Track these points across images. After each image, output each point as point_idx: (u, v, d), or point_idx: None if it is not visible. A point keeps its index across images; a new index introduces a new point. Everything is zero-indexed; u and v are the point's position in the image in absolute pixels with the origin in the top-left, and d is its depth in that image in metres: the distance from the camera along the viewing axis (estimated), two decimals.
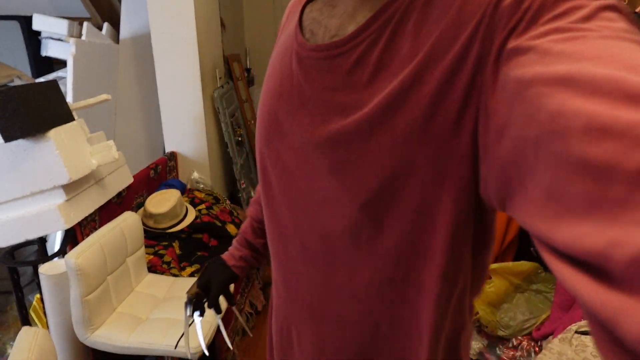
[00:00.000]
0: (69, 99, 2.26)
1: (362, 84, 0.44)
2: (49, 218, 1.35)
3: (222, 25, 2.76)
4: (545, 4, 0.33)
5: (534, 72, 0.30)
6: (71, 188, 1.39)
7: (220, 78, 2.57)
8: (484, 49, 0.36)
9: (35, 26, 2.62)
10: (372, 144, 0.43)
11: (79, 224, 1.54)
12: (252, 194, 2.74)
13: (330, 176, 0.47)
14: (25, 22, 3.08)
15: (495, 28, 0.36)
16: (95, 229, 1.58)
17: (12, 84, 2.20)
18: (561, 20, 0.32)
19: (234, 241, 0.83)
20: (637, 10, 1.62)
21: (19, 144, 1.29)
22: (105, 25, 2.69)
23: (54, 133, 1.31)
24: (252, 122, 3.01)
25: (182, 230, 1.95)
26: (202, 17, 2.26)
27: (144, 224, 1.86)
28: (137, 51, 2.72)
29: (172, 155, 2.35)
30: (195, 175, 2.38)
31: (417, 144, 0.41)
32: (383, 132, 0.42)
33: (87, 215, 1.49)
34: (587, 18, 0.31)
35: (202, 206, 2.14)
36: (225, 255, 0.82)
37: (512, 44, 0.34)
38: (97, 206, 1.55)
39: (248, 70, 3.46)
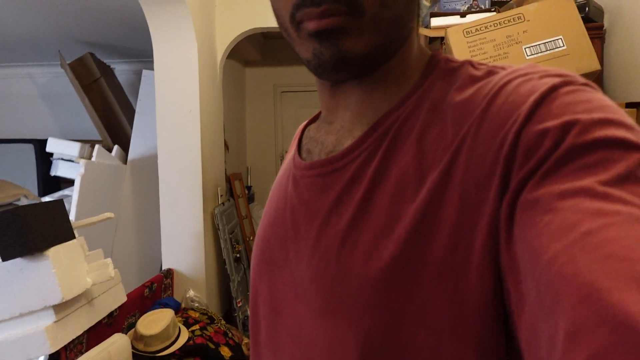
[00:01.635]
0: (72, 216, 2.29)
1: (355, 203, 0.38)
2: (34, 341, 1.28)
3: (226, 147, 2.92)
4: (574, 148, 0.27)
5: (550, 256, 0.24)
6: (62, 308, 1.35)
7: (221, 196, 2.64)
8: (504, 182, 0.30)
9: (49, 149, 2.76)
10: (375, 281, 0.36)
11: (65, 347, 1.46)
12: (248, 312, 2.63)
13: (324, 317, 0.38)
14: (39, 144, 3.27)
15: (514, 163, 0.29)
16: (82, 353, 1.49)
17: (18, 203, 2.25)
18: (590, 176, 0.26)
19: None
20: None
21: (16, 262, 1.28)
22: (115, 147, 2.85)
23: (52, 252, 1.30)
24: (251, 238, 3.02)
25: (173, 354, 1.84)
26: (208, 141, 2.40)
27: (133, 347, 1.76)
28: (143, 171, 2.84)
29: (169, 273, 2.31)
30: (191, 293, 2.32)
31: (431, 283, 0.33)
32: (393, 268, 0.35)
33: (74, 337, 1.42)
34: (624, 178, 0.25)
35: (196, 326, 2.05)
36: None
37: (528, 194, 0.28)
38: (86, 328, 1.48)
39: (249, 188, 3.57)
